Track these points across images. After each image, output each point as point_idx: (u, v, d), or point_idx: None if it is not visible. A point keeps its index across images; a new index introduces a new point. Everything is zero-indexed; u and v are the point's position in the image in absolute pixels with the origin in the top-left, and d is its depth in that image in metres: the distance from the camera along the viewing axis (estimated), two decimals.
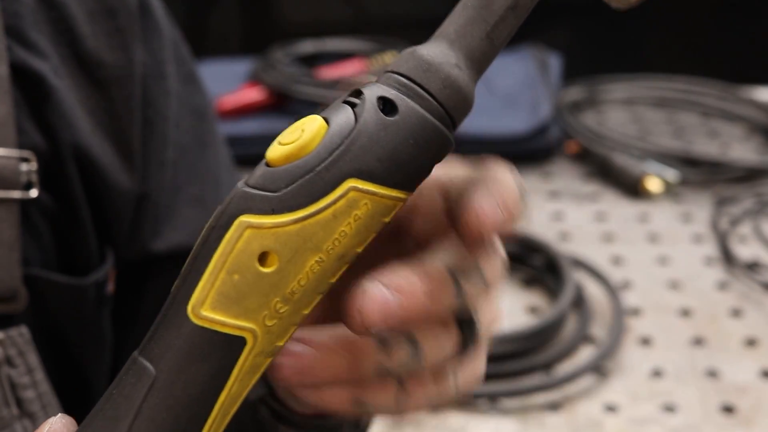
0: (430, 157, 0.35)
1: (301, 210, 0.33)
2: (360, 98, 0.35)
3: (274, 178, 0.34)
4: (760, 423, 0.80)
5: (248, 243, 0.33)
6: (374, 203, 0.34)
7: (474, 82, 0.36)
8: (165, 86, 0.61)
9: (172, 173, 0.62)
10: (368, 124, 0.34)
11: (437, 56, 0.35)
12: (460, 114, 0.35)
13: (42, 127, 0.55)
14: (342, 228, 0.34)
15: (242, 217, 0.33)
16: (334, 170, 0.33)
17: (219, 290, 0.33)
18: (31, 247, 0.55)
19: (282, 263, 0.33)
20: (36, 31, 0.55)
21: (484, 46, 0.36)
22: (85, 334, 0.59)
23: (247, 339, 0.33)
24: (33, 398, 0.54)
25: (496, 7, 0.36)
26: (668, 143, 1.27)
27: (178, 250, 0.61)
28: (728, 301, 0.97)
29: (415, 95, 0.35)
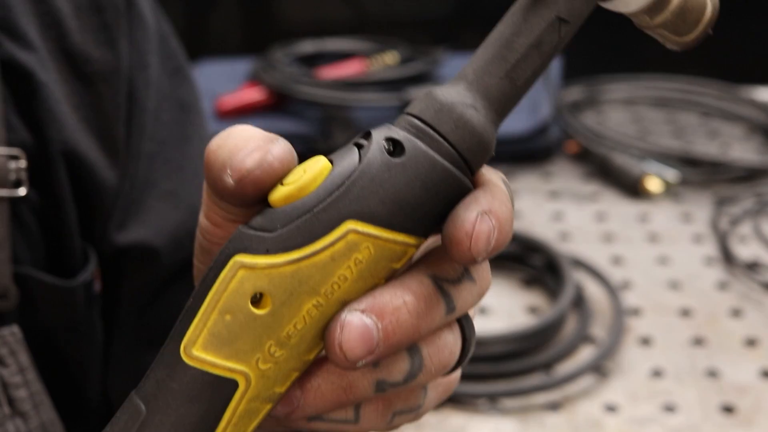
0: (440, 200, 0.33)
1: (296, 251, 0.32)
2: (368, 139, 0.33)
3: (272, 218, 0.33)
4: (760, 423, 0.80)
5: (241, 283, 0.32)
6: (378, 247, 0.33)
7: (493, 123, 0.34)
8: (146, 77, 0.60)
9: (146, 166, 0.60)
10: (372, 165, 0.32)
11: (451, 96, 0.34)
12: (475, 156, 0.33)
13: (30, 123, 0.54)
14: (341, 271, 0.32)
15: (237, 256, 0.32)
16: (332, 211, 0.32)
17: (211, 330, 0.32)
18: (20, 246, 0.55)
19: (276, 305, 0.32)
20: (25, 22, 0.55)
21: (504, 86, 0.34)
22: (76, 333, 0.59)
23: (238, 382, 0.33)
24: (25, 397, 0.54)
25: (518, 45, 0.34)
26: (668, 143, 1.27)
27: (143, 246, 0.60)
28: (728, 301, 0.97)
29: (425, 136, 0.33)
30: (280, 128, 1.26)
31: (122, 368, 0.63)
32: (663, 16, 0.37)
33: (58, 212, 0.56)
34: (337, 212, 0.32)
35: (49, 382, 0.56)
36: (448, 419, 0.82)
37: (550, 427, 0.81)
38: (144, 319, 0.63)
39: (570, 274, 0.95)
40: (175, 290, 0.63)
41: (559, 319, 0.90)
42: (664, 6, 0.36)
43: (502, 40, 0.34)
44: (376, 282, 0.33)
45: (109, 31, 0.58)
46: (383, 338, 0.32)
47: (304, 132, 1.24)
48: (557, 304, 0.91)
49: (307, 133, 1.24)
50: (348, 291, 0.33)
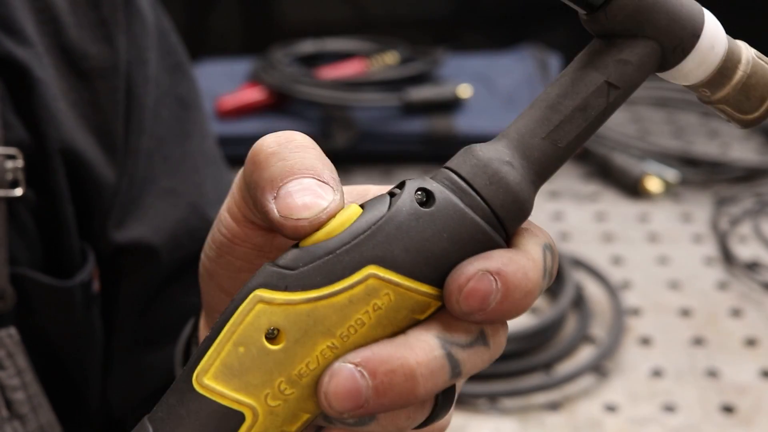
0: (468, 255, 0.32)
1: (314, 290, 0.32)
2: (402, 188, 0.33)
3: (296, 257, 0.33)
4: (759, 423, 0.80)
5: (257, 317, 0.32)
6: (398, 295, 0.32)
7: (531, 183, 0.33)
8: (144, 73, 0.60)
9: (145, 163, 0.60)
10: (400, 213, 0.32)
11: (489, 152, 0.33)
12: (509, 214, 0.33)
13: (27, 121, 0.54)
14: (359, 316, 0.32)
15: (257, 291, 0.33)
16: (354, 254, 0.32)
17: (223, 361, 0.32)
18: (17, 246, 0.54)
19: (290, 342, 0.32)
20: (21, 19, 0.54)
21: (545, 147, 0.34)
22: (74, 335, 0.58)
23: (245, 415, 0.32)
24: (23, 400, 0.54)
25: (562, 107, 0.34)
26: (668, 143, 1.27)
27: (141, 244, 0.59)
28: (728, 301, 0.97)
29: (458, 189, 0.33)
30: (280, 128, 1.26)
31: (121, 368, 0.63)
32: (724, 91, 0.35)
33: (56, 211, 0.56)
34: (360, 255, 0.32)
35: (47, 383, 0.55)
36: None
37: (550, 426, 0.81)
38: (143, 319, 0.62)
39: (570, 274, 0.95)
40: (175, 289, 0.62)
41: (559, 319, 0.90)
42: (726, 81, 0.35)
43: (548, 100, 0.34)
44: (395, 331, 0.33)
45: (106, 27, 0.57)
46: (373, 396, 0.31)
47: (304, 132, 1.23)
48: (557, 304, 0.91)
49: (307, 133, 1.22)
50: (364, 336, 0.32)
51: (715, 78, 0.35)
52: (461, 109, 1.26)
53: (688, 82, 0.36)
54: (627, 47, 0.34)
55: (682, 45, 0.34)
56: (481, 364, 0.34)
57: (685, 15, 0.34)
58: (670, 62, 0.35)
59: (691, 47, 0.34)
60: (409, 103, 1.23)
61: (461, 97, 1.26)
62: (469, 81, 1.30)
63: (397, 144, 1.23)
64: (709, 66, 0.35)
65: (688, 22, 0.34)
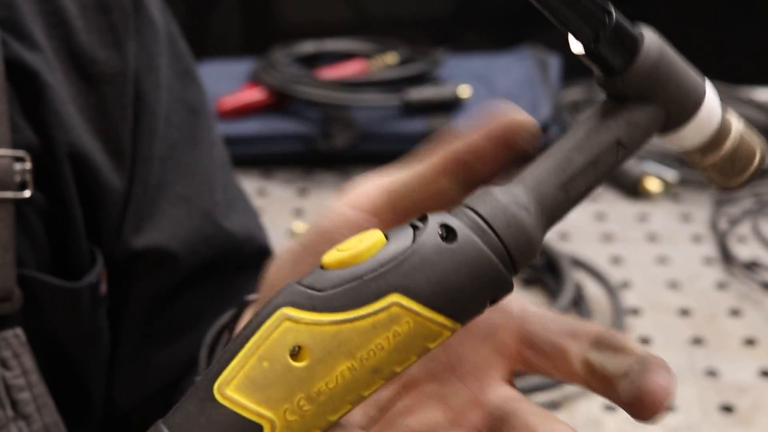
0: (482, 291, 0.35)
1: (340, 313, 0.34)
2: (424, 222, 0.35)
3: (323, 279, 0.34)
4: (759, 422, 0.80)
5: (284, 334, 0.33)
6: (417, 324, 0.34)
7: (542, 228, 0.36)
8: (155, 79, 0.60)
9: (158, 169, 0.61)
10: (424, 246, 0.34)
11: (507, 196, 0.35)
12: (522, 256, 0.35)
13: (35, 124, 0.54)
14: (379, 340, 0.34)
15: (284, 308, 0.34)
16: (380, 282, 0.34)
17: (247, 373, 0.33)
18: (25, 248, 0.55)
19: (313, 361, 0.33)
20: (31, 22, 0.54)
21: (558, 196, 0.36)
22: (81, 336, 0.59)
23: (264, 427, 0.33)
24: (28, 400, 0.54)
25: (576, 161, 0.36)
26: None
27: (157, 250, 0.60)
28: (727, 300, 0.97)
29: (477, 228, 0.35)
30: (281, 128, 1.27)
31: (128, 369, 0.63)
32: (714, 157, 0.38)
33: (64, 214, 0.56)
34: (385, 283, 0.34)
35: (52, 384, 0.56)
36: None
37: None
38: (155, 322, 0.63)
39: (569, 274, 0.95)
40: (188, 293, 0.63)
41: None
42: (717, 149, 0.38)
43: (563, 153, 0.36)
44: (408, 357, 0.35)
45: (115, 32, 0.57)
46: None
47: (305, 132, 1.24)
48: (557, 304, 0.91)
49: (308, 133, 1.24)
50: (382, 360, 0.34)
51: (707, 146, 0.38)
52: (461, 109, 1.26)
53: (683, 147, 0.38)
54: (637, 110, 0.36)
55: (685, 113, 0.37)
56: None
57: (691, 86, 0.37)
58: (672, 127, 0.37)
59: (692, 115, 0.37)
60: (409, 104, 1.23)
61: (461, 98, 1.26)
62: (469, 81, 1.30)
63: (397, 144, 1.23)
64: (704, 134, 0.38)
65: (693, 93, 0.37)
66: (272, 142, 1.24)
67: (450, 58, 1.38)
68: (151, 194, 0.60)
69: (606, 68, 0.36)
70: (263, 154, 1.22)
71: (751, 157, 0.39)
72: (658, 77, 0.36)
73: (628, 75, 0.36)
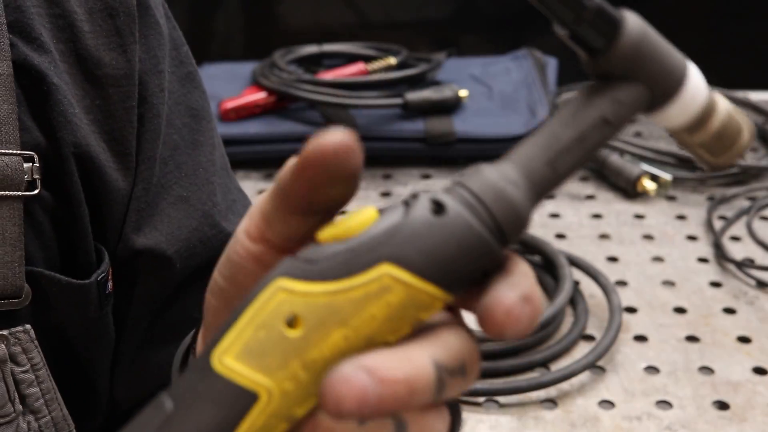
0: (472, 262, 0.35)
1: (333, 282, 0.34)
2: (416, 199, 0.36)
3: (316, 251, 0.35)
4: (753, 419, 0.81)
5: (280, 304, 0.34)
6: (408, 294, 0.35)
7: (530, 203, 0.36)
8: (160, 83, 0.61)
9: (160, 171, 0.61)
10: (415, 220, 0.35)
11: (496, 172, 0.36)
12: (511, 229, 0.36)
13: (42, 125, 0.55)
14: (372, 310, 0.34)
15: (279, 279, 0.35)
16: (372, 253, 0.34)
17: (245, 343, 0.34)
18: (34, 246, 0.55)
19: (307, 330, 0.34)
20: (39, 24, 0.55)
21: (546, 172, 0.37)
22: (89, 332, 0.59)
23: (260, 394, 0.34)
24: (37, 395, 0.55)
25: (562, 137, 0.37)
26: (663, 144, 1.28)
27: (155, 252, 0.61)
28: (722, 299, 0.98)
29: (467, 203, 0.35)
30: (282, 130, 1.28)
31: (128, 368, 0.64)
32: (701, 136, 0.39)
33: (71, 213, 0.57)
34: (376, 254, 0.34)
35: (60, 379, 0.57)
36: None
37: (547, 423, 0.82)
38: (154, 320, 0.64)
39: (566, 273, 0.96)
40: (187, 295, 0.63)
41: (556, 318, 0.91)
42: (704, 127, 0.39)
43: (550, 130, 0.37)
44: (401, 327, 0.35)
45: (121, 36, 0.58)
46: (376, 403, 0.33)
47: (305, 133, 1.25)
48: (554, 303, 0.92)
49: (309, 134, 1.24)
50: (375, 330, 0.35)
51: (694, 124, 0.39)
52: (460, 111, 1.27)
53: (670, 125, 0.39)
54: (622, 89, 0.37)
55: (668, 91, 0.38)
56: (455, 392, 0.36)
57: (673, 65, 0.38)
58: (657, 105, 0.38)
59: (676, 94, 0.38)
60: (409, 105, 1.24)
61: (460, 99, 1.27)
62: (468, 83, 1.31)
63: (397, 145, 1.24)
64: (689, 112, 0.38)
65: (676, 72, 0.38)
66: (273, 142, 1.25)
67: (449, 60, 1.39)
68: (152, 194, 0.61)
69: (590, 49, 0.37)
70: (265, 155, 1.23)
71: (738, 135, 0.39)
72: (640, 56, 0.37)
73: (611, 54, 0.37)
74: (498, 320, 0.34)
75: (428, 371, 0.34)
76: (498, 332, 0.34)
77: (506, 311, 0.34)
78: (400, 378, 0.33)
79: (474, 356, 0.36)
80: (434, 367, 0.34)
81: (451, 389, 0.36)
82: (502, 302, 0.34)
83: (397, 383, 0.33)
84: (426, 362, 0.34)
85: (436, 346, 0.35)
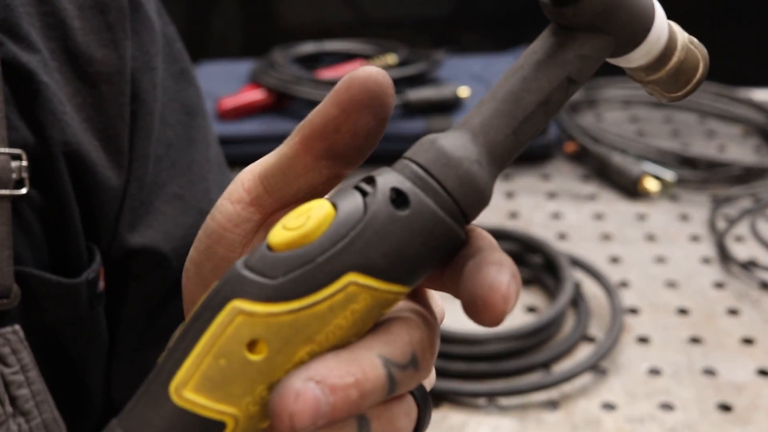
0: (437, 254, 0.33)
1: (296, 301, 0.32)
2: (372, 186, 0.33)
3: (273, 264, 0.32)
4: (756, 421, 0.81)
5: (239, 329, 0.32)
6: (373, 298, 0.33)
7: (494, 178, 0.34)
8: (152, 79, 0.60)
9: (154, 168, 0.61)
10: (377, 217, 0.32)
11: (458, 150, 0.33)
12: (474, 211, 0.34)
13: (31, 123, 0.54)
14: (337, 321, 0.32)
15: (235, 301, 0.32)
16: (335, 263, 0.32)
17: (204, 373, 0.32)
18: (23, 245, 0.55)
19: (271, 353, 0.32)
20: (27, 24, 0.54)
21: (509, 143, 0.34)
22: (79, 332, 0.59)
23: (227, 423, 0.32)
24: (27, 396, 0.54)
25: (527, 103, 0.34)
26: (666, 144, 1.28)
27: (151, 250, 0.60)
28: (725, 300, 0.97)
29: (430, 189, 0.33)
30: (281, 129, 1.27)
31: (126, 368, 0.63)
32: (658, 75, 0.38)
33: (61, 212, 0.56)
34: (340, 264, 0.32)
35: (51, 380, 0.56)
36: (448, 417, 0.82)
37: (548, 425, 0.81)
38: (151, 321, 0.63)
39: (568, 274, 0.95)
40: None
41: (557, 318, 0.91)
42: (662, 66, 0.37)
43: (512, 95, 0.34)
44: (365, 328, 0.33)
45: (112, 32, 0.57)
46: (329, 412, 0.32)
47: None
48: (556, 304, 0.92)
49: None
50: (340, 337, 0.33)
51: (653, 63, 0.37)
52: (461, 109, 1.26)
53: (629, 66, 0.38)
54: (588, 42, 0.35)
55: (635, 39, 0.36)
56: (410, 385, 0.35)
57: (641, 11, 0.36)
58: (621, 53, 0.36)
59: (642, 41, 0.36)
60: (409, 104, 1.24)
61: (460, 98, 1.26)
62: (468, 82, 1.30)
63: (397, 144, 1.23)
64: (651, 54, 0.37)
65: (643, 18, 0.36)
66: (272, 142, 1.24)
67: (449, 59, 1.38)
68: (146, 193, 0.60)
69: None
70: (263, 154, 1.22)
71: (695, 69, 0.38)
72: (609, 6, 0.35)
73: (581, 5, 0.34)
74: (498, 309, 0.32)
75: (378, 371, 0.33)
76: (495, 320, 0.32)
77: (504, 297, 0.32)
78: (350, 383, 0.32)
79: (425, 345, 0.35)
80: (384, 366, 0.33)
81: (405, 383, 0.34)
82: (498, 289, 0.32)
83: (347, 388, 0.32)
84: (375, 362, 0.33)
85: (383, 343, 0.34)
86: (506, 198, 1.18)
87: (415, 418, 0.36)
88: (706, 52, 0.39)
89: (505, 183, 1.21)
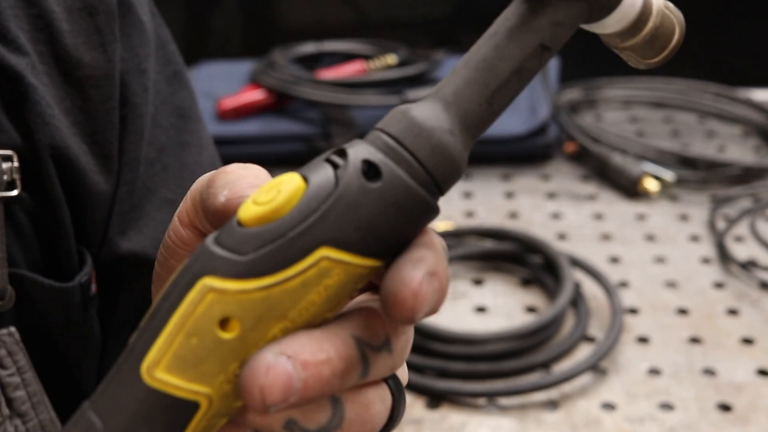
0: (411, 226, 0.32)
1: (268, 277, 0.31)
2: (344, 158, 0.32)
3: (244, 240, 0.31)
4: (756, 421, 0.81)
5: (210, 307, 0.31)
6: (347, 272, 0.32)
7: (467, 148, 0.34)
8: (143, 82, 0.60)
9: (145, 172, 0.60)
10: (349, 190, 0.31)
11: (430, 120, 0.33)
12: (448, 182, 0.33)
13: (19, 126, 0.54)
14: (310, 297, 0.32)
15: (206, 279, 0.31)
16: (306, 237, 0.31)
17: (176, 353, 0.31)
18: (16, 247, 0.55)
19: (244, 330, 0.31)
20: (15, 27, 0.54)
21: (483, 112, 0.34)
22: (73, 335, 0.59)
23: (201, 403, 0.32)
24: (23, 398, 0.54)
25: (500, 71, 0.33)
26: (665, 144, 1.28)
27: (141, 255, 0.59)
28: (725, 300, 0.97)
29: (402, 160, 0.32)
30: (281, 129, 1.27)
31: None
32: (633, 40, 0.37)
33: (52, 214, 0.56)
34: (312, 239, 0.31)
35: (47, 382, 0.56)
36: (448, 417, 0.82)
37: (548, 425, 0.81)
38: None
39: (568, 274, 0.95)
40: None
41: (557, 319, 0.91)
42: (637, 32, 0.37)
43: (485, 63, 0.34)
44: (339, 304, 0.33)
45: (101, 35, 0.57)
46: (301, 389, 0.31)
47: (305, 132, 1.25)
48: (555, 304, 0.91)
49: (307, 133, 1.25)
50: (314, 314, 0.32)
51: (628, 29, 0.37)
52: None
53: (604, 32, 0.37)
54: (561, 9, 0.34)
55: (609, 5, 0.35)
56: (384, 370, 0.35)
57: None
58: (594, 19, 0.36)
59: (616, 6, 0.35)
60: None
61: None
62: None
63: None
64: (625, 20, 0.36)
65: None
66: (272, 142, 1.25)
67: (449, 59, 1.38)
68: (137, 197, 0.60)
69: None
70: (263, 154, 1.23)
71: (671, 35, 0.37)
72: None
73: None
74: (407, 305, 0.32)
75: (351, 350, 0.33)
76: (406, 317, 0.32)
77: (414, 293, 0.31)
78: (322, 359, 0.32)
79: (399, 329, 0.35)
80: (357, 345, 0.33)
81: (379, 367, 0.34)
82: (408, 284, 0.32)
83: (320, 365, 0.32)
84: (348, 341, 0.33)
85: (356, 323, 0.33)
86: (506, 198, 1.18)
87: (390, 407, 0.36)
88: (682, 18, 0.38)
89: (505, 183, 1.21)
